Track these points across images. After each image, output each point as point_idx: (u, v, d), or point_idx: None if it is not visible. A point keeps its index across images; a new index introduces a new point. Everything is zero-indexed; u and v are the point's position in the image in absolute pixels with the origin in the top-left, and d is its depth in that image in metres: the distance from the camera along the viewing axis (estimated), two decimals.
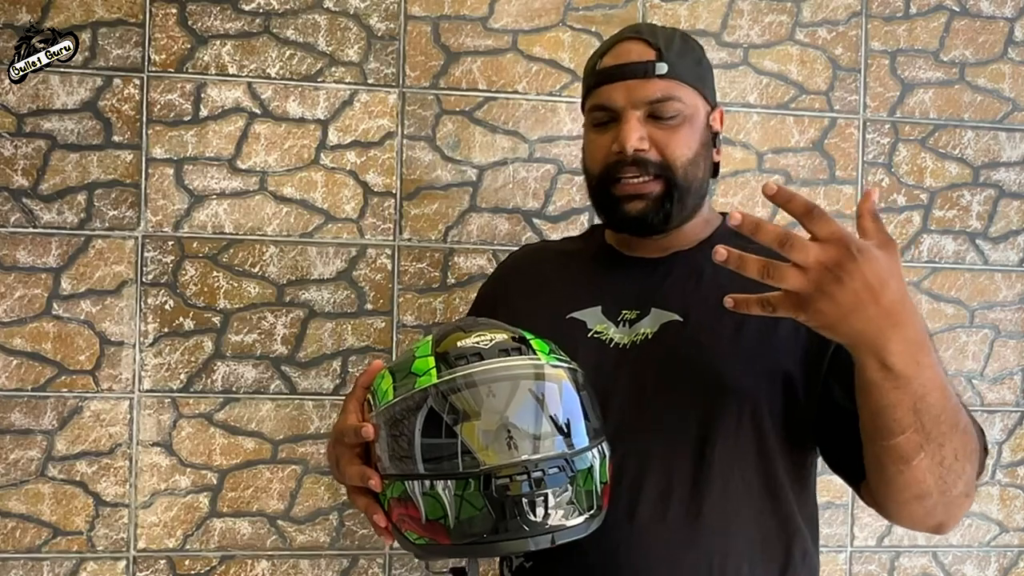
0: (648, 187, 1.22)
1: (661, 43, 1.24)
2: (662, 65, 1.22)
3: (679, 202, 1.23)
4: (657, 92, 1.22)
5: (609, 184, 1.24)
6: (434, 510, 1.00)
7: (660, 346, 1.20)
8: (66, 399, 1.67)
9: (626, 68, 1.23)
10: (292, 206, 1.72)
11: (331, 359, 1.73)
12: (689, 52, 1.27)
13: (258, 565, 1.71)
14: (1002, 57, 1.91)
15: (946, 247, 1.89)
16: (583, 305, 1.28)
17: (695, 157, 1.23)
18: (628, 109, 1.22)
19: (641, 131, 1.21)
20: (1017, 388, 1.91)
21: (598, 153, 1.25)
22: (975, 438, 1.04)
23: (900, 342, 0.94)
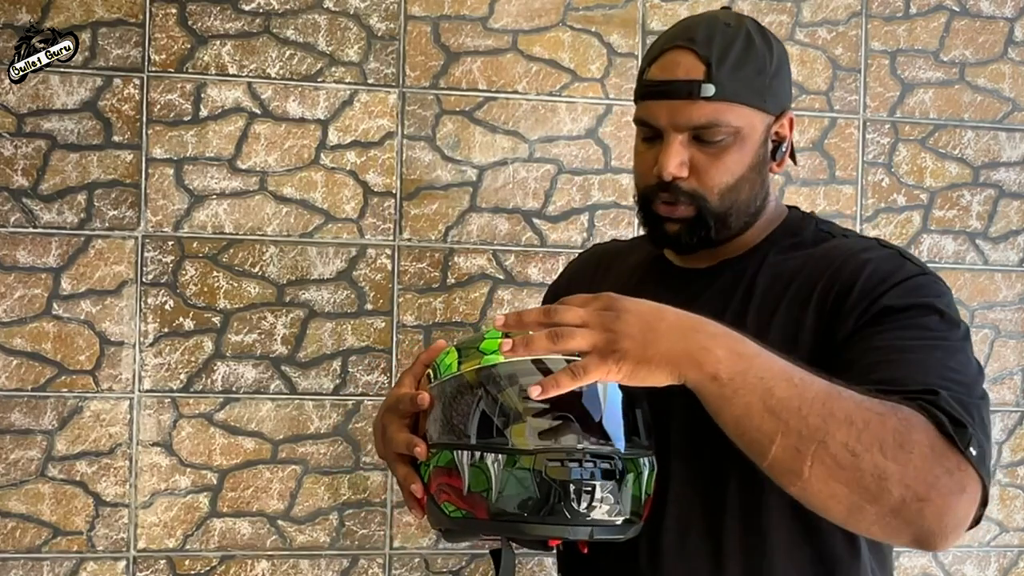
0: (679, 211, 1.16)
1: (715, 55, 1.13)
2: (709, 86, 1.12)
3: (717, 225, 1.17)
4: (702, 117, 1.12)
5: (648, 203, 1.19)
6: (478, 482, 0.99)
7: None
8: (66, 399, 1.67)
9: (670, 86, 1.14)
10: (292, 206, 1.72)
11: (331, 359, 1.73)
12: (749, 62, 1.15)
13: (258, 565, 1.71)
14: (1002, 57, 1.91)
15: (946, 247, 1.89)
16: None
17: (738, 181, 1.16)
18: (670, 131, 1.14)
19: (682, 156, 1.14)
20: (1017, 388, 1.91)
21: (642, 169, 1.19)
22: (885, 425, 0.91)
23: (708, 339, 0.93)
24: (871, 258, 1.12)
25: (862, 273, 1.10)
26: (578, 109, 1.79)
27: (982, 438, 0.96)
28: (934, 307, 1.07)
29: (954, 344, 1.05)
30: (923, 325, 1.05)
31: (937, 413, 0.94)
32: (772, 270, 1.17)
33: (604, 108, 1.80)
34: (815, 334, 1.10)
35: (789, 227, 1.22)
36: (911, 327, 1.05)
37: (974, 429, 0.95)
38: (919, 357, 1.02)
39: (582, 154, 1.79)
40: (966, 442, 0.93)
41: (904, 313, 1.06)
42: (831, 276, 1.11)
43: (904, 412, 0.93)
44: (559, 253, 1.54)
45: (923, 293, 1.08)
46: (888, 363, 1.02)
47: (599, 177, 1.80)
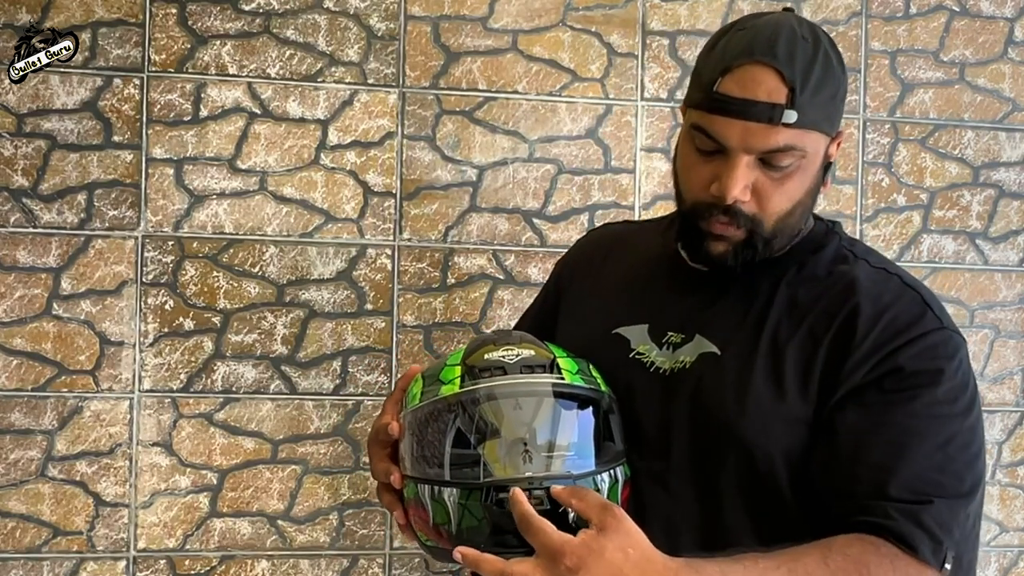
0: (731, 231, 1.11)
1: (798, 78, 1.06)
2: (791, 113, 1.05)
3: (763, 248, 1.13)
4: (779, 142, 1.06)
5: (697, 218, 1.13)
6: (440, 515, 1.03)
7: (693, 379, 1.13)
8: (66, 399, 1.67)
9: (751, 108, 1.05)
10: (292, 206, 1.72)
11: (331, 359, 1.73)
12: (827, 85, 1.09)
13: (258, 565, 1.71)
14: (1002, 57, 1.91)
15: (946, 247, 1.89)
16: (632, 320, 1.21)
17: (795, 207, 1.12)
18: (740, 153, 1.07)
19: (747, 179, 1.08)
20: (1017, 388, 1.91)
21: (695, 181, 1.13)
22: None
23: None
24: (892, 303, 1.10)
25: (880, 320, 1.08)
26: (578, 109, 1.79)
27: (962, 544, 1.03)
28: (944, 373, 1.07)
29: (957, 421, 1.06)
30: (930, 399, 1.06)
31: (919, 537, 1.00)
32: (791, 292, 1.14)
33: (604, 108, 1.80)
34: (824, 371, 1.08)
35: (812, 241, 1.19)
36: (916, 399, 1.05)
37: (952, 540, 1.01)
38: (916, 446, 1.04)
39: (582, 154, 1.79)
40: (941, 560, 1.00)
41: (914, 378, 1.06)
42: (848, 316, 1.09)
43: (871, 569, 0.99)
44: (559, 253, 1.54)
45: (937, 354, 1.08)
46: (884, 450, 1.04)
47: (599, 177, 1.80)
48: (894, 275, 1.15)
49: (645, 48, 1.80)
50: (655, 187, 1.81)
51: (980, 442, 1.08)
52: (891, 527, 1.00)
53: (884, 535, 1.00)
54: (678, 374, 1.14)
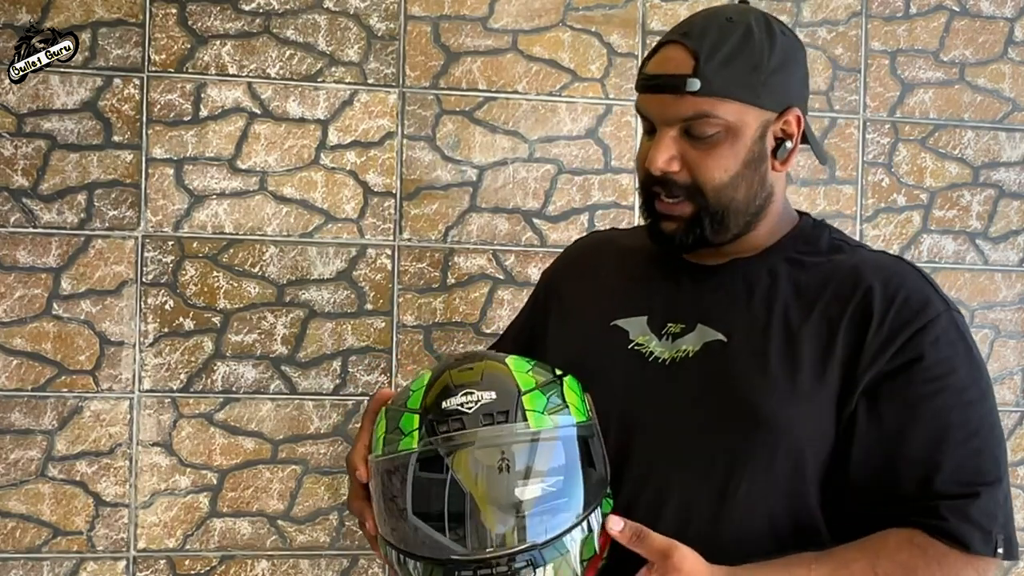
0: (678, 208, 1.15)
1: (705, 49, 1.11)
2: (694, 81, 1.10)
3: (716, 224, 1.15)
4: (689, 110, 1.11)
5: (649, 196, 1.18)
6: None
7: (699, 367, 1.13)
8: (66, 399, 1.67)
9: (659, 80, 1.13)
10: (292, 206, 1.72)
11: (331, 359, 1.73)
12: (743, 56, 1.12)
13: (258, 565, 1.71)
14: (1002, 57, 1.91)
15: (946, 247, 1.89)
16: (630, 312, 1.21)
17: (733, 178, 1.13)
18: (661, 126, 1.14)
19: (672, 151, 1.13)
20: (1017, 388, 1.91)
21: (641, 160, 1.18)
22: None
23: None
24: (901, 284, 1.13)
25: (895, 301, 1.11)
26: (578, 109, 1.79)
27: (1008, 526, 1.07)
28: (959, 356, 1.11)
29: (982, 403, 1.12)
30: (954, 387, 1.10)
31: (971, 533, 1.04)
32: (795, 277, 1.16)
33: (604, 108, 1.80)
34: (845, 354, 1.10)
35: (803, 235, 1.21)
36: (943, 391, 1.09)
37: (998, 525, 1.05)
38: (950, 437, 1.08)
39: (582, 154, 1.79)
40: (992, 547, 1.05)
41: (938, 367, 1.09)
42: (863, 298, 1.11)
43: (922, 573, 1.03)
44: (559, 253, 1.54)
45: (952, 338, 1.11)
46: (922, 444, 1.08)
47: (599, 177, 1.80)
48: (897, 258, 1.19)
49: (645, 48, 1.80)
50: None
51: (999, 417, 1.14)
52: (943, 528, 1.04)
53: (935, 535, 1.04)
54: (680, 363, 1.15)
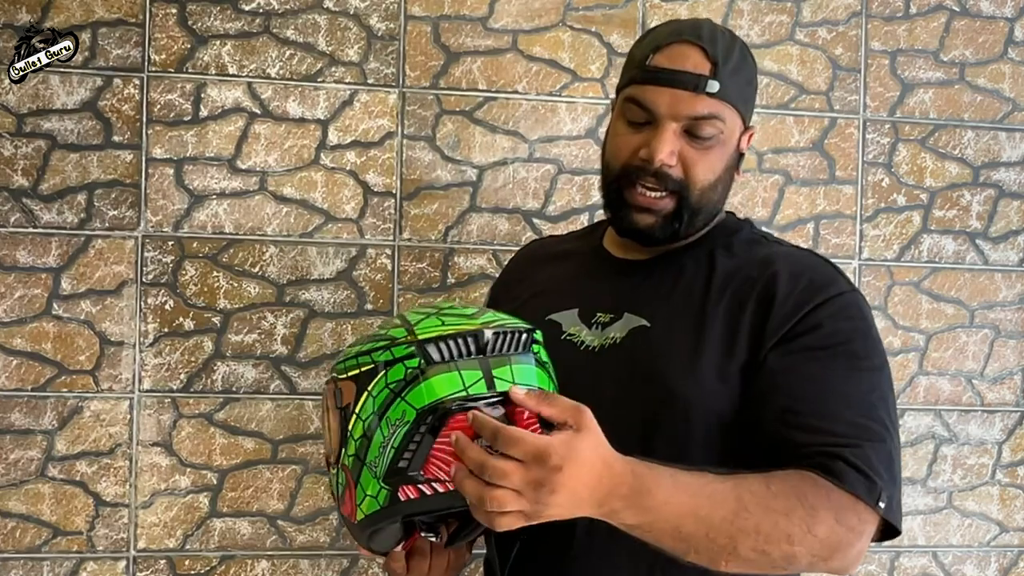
0: (661, 203, 1.21)
1: (720, 55, 1.19)
2: (714, 83, 1.18)
3: (688, 220, 1.22)
4: (704, 110, 1.18)
5: (625, 186, 1.23)
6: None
7: (624, 352, 1.21)
8: (66, 399, 1.67)
9: (678, 76, 1.18)
10: (292, 206, 1.72)
11: (331, 359, 1.73)
12: (743, 70, 1.23)
13: (258, 565, 1.71)
14: (1002, 57, 1.91)
15: (946, 247, 1.89)
16: (562, 307, 1.28)
17: (716, 181, 1.22)
18: (668, 119, 1.19)
19: (674, 145, 1.18)
20: (1017, 388, 1.91)
21: (622, 150, 1.23)
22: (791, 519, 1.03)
23: (618, 502, 0.98)
24: (807, 268, 1.20)
25: (798, 282, 1.17)
26: (578, 109, 1.79)
27: (891, 486, 1.10)
28: (859, 331, 1.17)
29: (875, 374, 1.16)
30: (848, 353, 1.15)
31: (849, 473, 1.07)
32: (713, 267, 1.23)
33: (604, 108, 1.80)
34: (751, 331, 1.16)
35: (726, 228, 1.29)
36: (837, 355, 1.14)
37: (883, 481, 1.08)
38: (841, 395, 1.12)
39: (582, 154, 1.79)
40: (876, 497, 1.07)
41: (834, 336, 1.15)
42: (769, 280, 1.18)
43: (811, 497, 1.05)
44: None
45: (851, 314, 1.17)
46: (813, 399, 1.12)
47: (599, 177, 1.80)
48: (805, 251, 1.27)
49: None
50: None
51: (892, 390, 1.18)
52: (824, 464, 1.07)
53: (818, 472, 1.07)
54: (608, 350, 1.22)
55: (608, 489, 0.97)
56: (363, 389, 1.02)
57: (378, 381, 1.01)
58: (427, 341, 1.00)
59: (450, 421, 0.98)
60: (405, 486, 0.98)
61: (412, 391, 0.99)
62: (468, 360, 1.00)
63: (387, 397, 1.00)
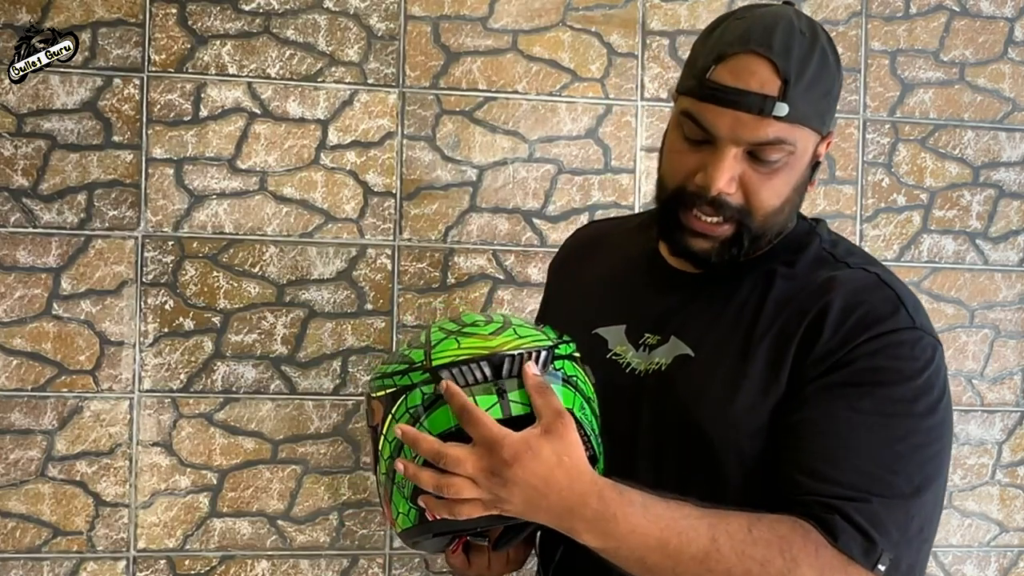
0: (719, 229, 1.09)
1: (793, 70, 1.04)
2: (783, 106, 1.03)
3: (749, 245, 1.11)
4: (770, 135, 1.04)
5: (679, 208, 1.11)
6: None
7: (666, 382, 1.13)
8: (66, 399, 1.67)
9: (742, 97, 1.04)
10: (292, 206, 1.72)
11: (331, 359, 1.73)
12: (821, 81, 1.07)
13: (258, 565, 1.71)
14: (1002, 57, 1.91)
15: (946, 247, 1.89)
16: (610, 321, 1.20)
17: (783, 204, 1.10)
18: (728, 144, 1.05)
19: (734, 171, 1.06)
20: (1017, 388, 1.91)
21: (678, 169, 1.11)
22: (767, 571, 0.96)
23: (581, 522, 0.95)
24: (863, 301, 1.07)
25: (851, 315, 1.06)
26: (578, 109, 1.79)
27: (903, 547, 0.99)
28: (903, 372, 1.04)
29: (914, 420, 1.03)
30: (883, 395, 1.03)
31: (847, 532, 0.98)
32: (767, 293, 1.12)
33: (604, 108, 1.80)
34: (792, 367, 1.07)
35: (792, 241, 1.17)
36: (868, 395, 1.03)
37: (889, 542, 0.98)
38: (860, 440, 1.02)
39: (582, 154, 1.79)
40: (873, 560, 0.97)
41: (868, 374, 1.04)
42: (819, 312, 1.07)
43: (795, 550, 0.96)
44: None
45: (900, 354, 1.05)
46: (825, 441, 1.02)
47: (599, 177, 1.80)
48: (873, 273, 1.12)
49: (645, 48, 1.80)
50: (655, 187, 1.81)
51: (942, 446, 1.05)
52: (820, 516, 0.99)
53: (813, 523, 0.99)
54: (652, 376, 1.14)
55: (568, 505, 0.95)
56: (388, 411, 1.03)
57: (399, 405, 1.02)
58: (441, 367, 1.00)
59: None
60: None
61: (429, 417, 0.99)
62: (484, 385, 0.99)
63: (407, 421, 1.01)
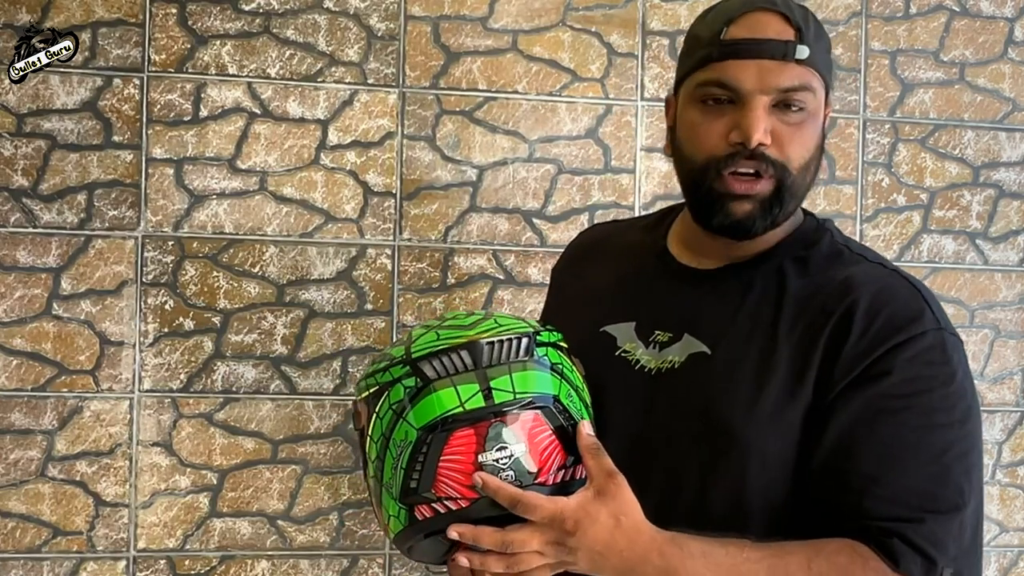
0: (759, 187, 1.08)
1: (801, 21, 1.07)
2: (803, 48, 1.06)
3: (784, 207, 1.09)
4: (794, 79, 1.06)
5: (713, 178, 1.08)
6: None
7: (681, 380, 1.11)
8: (66, 399, 1.67)
9: (764, 45, 1.06)
10: (292, 206, 1.72)
11: (331, 359, 1.73)
12: (824, 37, 1.11)
13: (258, 565, 1.71)
14: (1002, 57, 1.91)
15: (946, 247, 1.89)
16: (618, 318, 1.19)
17: (810, 160, 1.10)
18: (757, 95, 1.05)
19: (768, 122, 1.06)
20: (1017, 388, 1.91)
21: (707, 139, 1.09)
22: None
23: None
24: (890, 300, 1.07)
25: (877, 318, 1.05)
26: (578, 109, 1.79)
27: (961, 559, 1.00)
28: (938, 379, 1.04)
29: (953, 429, 1.04)
30: (923, 407, 1.03)
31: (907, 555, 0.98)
32: (785, 289, 1.11)
33: (604, 108, 1.80)
34: (819, 372, 1.06)
35: (803, 236, 1.16)
36: (909, 408, 1.03)
37: (948, 557, 0.99)
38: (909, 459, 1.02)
39: (582, 154, 1.79)
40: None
41: (908, 385, 1.03)
42: (845, 312, 1.06)
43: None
44: (559, 253, 1.54)
45: (932, 359, 1.05)
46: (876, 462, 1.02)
47: (599, 177, 1.80)
48: (893, 271, 1.13)
49: (645, 48, 1.80)
50: (655, 187, 1.81)
51: (979, 448, 1.06)
52: (880, 542, 0.99)
53: (873, 548, 0.99)
54: (665, 374, 1.13)
55: (630, 566, 0.96)
56: (372, 411, 1.02)
57: (382, 403, 1.01)
58: (421, 359, 0.99)
59: (452, 437, 0.97)
60: (420, 505, 0.98)
61: (411, 411, 0.99)
62: (464, 374, 0.98)
63: (391, 418, 1.00)
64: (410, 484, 0.98)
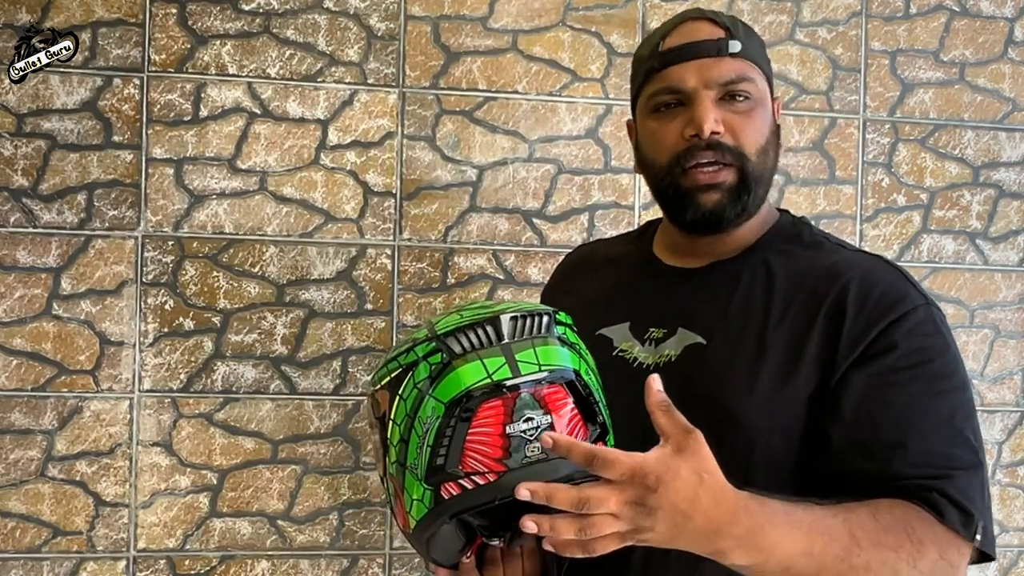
0: (722, 176, 1.15)
1: (728, 22, 1.18)
2: (735, 43, 1.16)
3: (752, 192, 1.17)
4: (731, 72, 1.15)
5: (678, 176, 1.16)
6: None
7: (679, 372, 1.14)
8: (66, 399, 1.67)
9: (698, 46, 1.16)
10: (292, 206, 1.72)
11: (331, 359, 1.73)
12: (755, 36, 1.22)
13: (258, 565, 1.71)
14: (1002, 57, 1.91)
15: (946, 247, 1.89)
16: (613, 321, 1.23)
17: (766, 144, 1.17)
18: (701, 90, 1.15)
19: (717, 113, 1.14)
20: (1017, 388, 1.91)
21: (665, 141, 1.17)
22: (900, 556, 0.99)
23: (730, 541, 0.93)
24: (878, 281, 1.13)
25: (869, 297, 1.11)
26: (578, 109, 1.79)
27: (986, 515, 1.06)
28: (935, 348, 1.10)
29: (956, 394, 1.10)
30: (928, 374, 1.08)
31: (948, 508, 1.03)
32: (773, 276, 1.17)
33: (604, 108, 1.80)
34: (820, 353, 1.10)
35: (783, 231, 1.23)
36: (916, 378, 1.08)
37: (978, 511, 1.05)
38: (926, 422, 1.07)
39: (582, 154, 1.79)
40: (973, 531, 1.04)
41: (911, 356, 1.08)
42: (838, 295, 1.11)
43: (919, 531, 1.01)
44: (559, 253, 1.54)
45: (927, 330, 1.10)
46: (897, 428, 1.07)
47: (599, 177, 1.80)
48: (874, 256, 1.20)
49: None
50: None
51: (975, 411, 1.12)
52: (924, 497, 1.03)
53: (919, 504, 1.03)
54: (664, 367, 1.16)
55: (715, 527, 0.92)
56: (395, 394, 1.02)
57: (407, 383, 1.01)
58: (447, 335, 1.00)
59: (479, 409, 0.97)
60: (446, 483, 0.97)
61: (438, 386, 0.99)
62: (490, 348, 0.99)
63: (416, 397, 1.00)
64: (436, 461, 0.98)
